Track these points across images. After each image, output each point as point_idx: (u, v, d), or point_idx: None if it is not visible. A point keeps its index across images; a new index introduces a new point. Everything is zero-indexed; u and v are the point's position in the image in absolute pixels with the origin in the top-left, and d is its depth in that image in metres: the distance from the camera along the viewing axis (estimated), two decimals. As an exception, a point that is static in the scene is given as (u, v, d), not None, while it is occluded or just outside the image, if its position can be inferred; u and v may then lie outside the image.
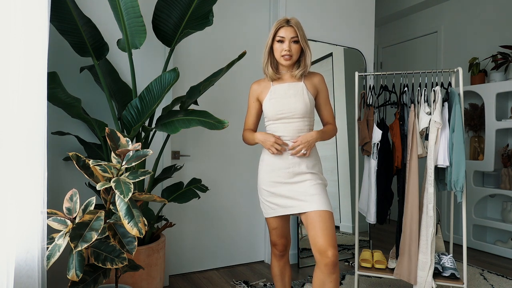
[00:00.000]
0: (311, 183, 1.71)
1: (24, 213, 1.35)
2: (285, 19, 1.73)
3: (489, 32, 3.85)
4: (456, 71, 2.28)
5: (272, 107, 1.74)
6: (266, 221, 1.86)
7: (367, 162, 2.38)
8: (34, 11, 1.38)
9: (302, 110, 1.72)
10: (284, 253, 1.86)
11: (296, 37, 1.70)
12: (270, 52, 1.77)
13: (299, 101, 1.72)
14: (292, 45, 1.71)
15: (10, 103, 1.32)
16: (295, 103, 1.72)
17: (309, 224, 1.65)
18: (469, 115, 3.78)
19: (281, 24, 1.71)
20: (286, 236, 1.84)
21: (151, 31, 2.26)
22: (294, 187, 1.72)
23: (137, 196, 1.57)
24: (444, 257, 2.25)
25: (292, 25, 1.70)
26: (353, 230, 3.21)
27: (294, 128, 1.73)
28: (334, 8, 3.28)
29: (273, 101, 1.75)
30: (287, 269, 1.88)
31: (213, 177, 2.87)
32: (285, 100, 1.73)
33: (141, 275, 1.88)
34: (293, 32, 1.70)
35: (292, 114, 1.72)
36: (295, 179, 1.72)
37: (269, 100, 1.76)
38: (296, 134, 1.73)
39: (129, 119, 1.90)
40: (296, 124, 1.73)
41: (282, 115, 1.73)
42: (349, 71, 3.29)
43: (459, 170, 2.07)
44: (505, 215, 3.41)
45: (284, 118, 1.73)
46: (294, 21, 1.72)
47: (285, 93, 1.75)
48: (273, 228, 1.81)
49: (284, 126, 1.73)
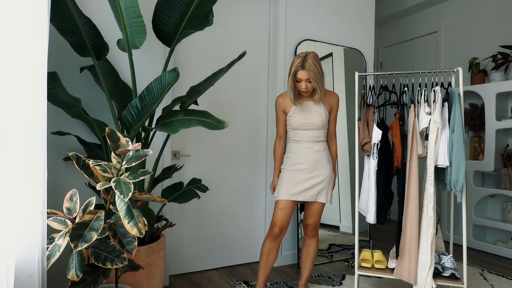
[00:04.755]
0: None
1: (24, 213, 1.35)
2: (301, 62, 2.04)
3: (489, 32, 3.85)
4: (456, 71, 2.28)
5: (296, 119, 2.19)
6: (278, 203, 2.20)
7: (367, 162, 2.38)
8: (34, 11, 1.38)
9: (319, 124, 2.19)
10: (278, 237, 2.16)
11: (309, 79, 2.06)
12: (294, 84, 2.13)
13: (318, 117, 2.18)
14: (308, 84, 2.09)
15: (10, 103, 1.32)
16: (315, 118, 2.18)
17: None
18: (469, 115, 3.78)
19: (297, 67, 2.05)
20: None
21: (151, 31, 2.26)
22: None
23: (137, 196, 1.58)
24: (444, 257, 2.25)
25: (306, 69, 2.03)
26: (353, 230, 3.21)
27: (311, 135, 2.20)
28: (334, 8, 3.28)
29: (297, 115, 2.19)
30: (273, 252, 2.18)
31: (213, 177, 2.87)
32: (307, 115, 2.18)
33: (141, 275, 1.88)
34: (307, 75, 2.05)
35: (312, 126, 2.19)
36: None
37: (293, 114, 2.20)
38: (314, 139, 2.21)
39: (129, 119, 1.90)
40: (313, 132, 2.20)
41: (304, 127, 2.19)
42: (349, 71, 3.29)
43: (459, 170, 2.07)
44: (505, 215, 3.41)
45: (306, 129, 2.20)
46: (308, 65, 2.03)
47: (307, 109, 2.19)
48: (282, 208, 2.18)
49: (304, 133, 2.21)
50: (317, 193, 2.18)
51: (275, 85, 2.99)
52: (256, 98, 3.04)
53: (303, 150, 2.20)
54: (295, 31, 3.06)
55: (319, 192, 2.19)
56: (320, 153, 2.21)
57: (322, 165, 2.20)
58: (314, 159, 2.19)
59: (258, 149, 3.06)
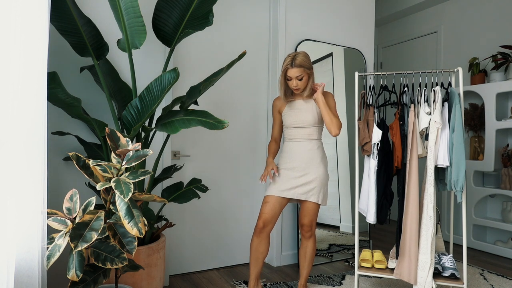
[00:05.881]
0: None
1: (24, 213, 1.35)
2: (291, 59, 2.11)
3: (489, 32, 3.85)
4: (456, 71, 2.28)
5: (289, 118, 2.25)
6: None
7: (367, 162, 2.38)
8: (34, 11, 1.38)
9: (311, 121, 2.22)
10: (262, 231, 2.17)
11: (300, 76, 2.13)
12: (285, 82, 2.21)
13: (309, 114, 2.22)
14: (298, 82, 2.16)
15: (10, 103, 1.32)
16: (307, 116, 2.22)
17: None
18: (469, 115, 3.78)
19: (287, 66, 2.13)
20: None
21: (151, 31, 2.26)
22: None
23: (137, 196, 1.58)
24: (444, 257, 2.25)
25: (295, 67, 2.10)
26: (353, 230, 3.21)
27: (305, 133, 2.24)
28: (334, 8, 3.28)
29: (289, 113, 2.25)
30: (261, 247, 2.18)
31: (213, 177, 2.87)
32: (299, 113, 2.23)
33: (141, 275, 1.88)
34: (297, 72, 2.12)
35: (304, 124, 2.23)
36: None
37: (287, 113, 2.27)
38: (307, 137, 2.24)
39: (129, 119, 1.90)
40: (306, 130, 2.24)
41: (297, 124, 2.24)
42: (349, 71, 3.29)
43: (459, 170, 2.07)
44: (505, 215, 3.41)
45: (298, 127, 2.24)
46: (298, 62, 2.10)
47: (299, 108, 2.24)
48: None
49: (296, 131, 2.25)
50: (307, 191, 2.18)
51: (275, 85, 2.99)
52: (256, 98, 3.04)
53: (296, 148, 2.23)
54: (295, 31, 3.06)
55: (310, 191, 2.18)
56: (313, 151, 2.22)
57: (315, 164, 2.21)
58: (307, 157, 2.21)
59: (258, 149, 3.06)
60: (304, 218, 2.25)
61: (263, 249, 2.18)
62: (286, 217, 3.03)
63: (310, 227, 2.26)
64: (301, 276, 2.37)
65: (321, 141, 2.29)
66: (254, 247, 2.18)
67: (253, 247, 2.18)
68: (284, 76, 2.18)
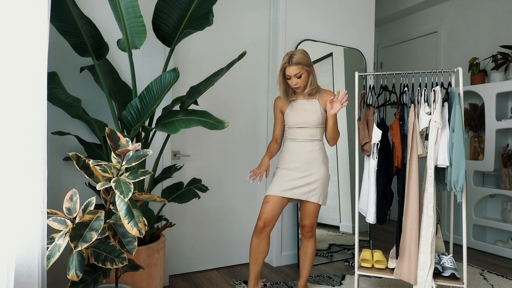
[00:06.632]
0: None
1: (24, 213, 1.35)
2: (288, 58, 2.09)
3: (489, 32, 3.85)
4: (456, 71, 2.28)
5: (292, 118, 2.21)
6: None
7: (367, 162, 2.38)
8: (34, 11, 1.38)
9: (315, 122, 2.19)
10: (262, 231, 2.15)
11: (298, 73, 2.10)
12: (284, 81, 2.18)
13: (314, 115, 2.18)
14: (298, 80, 2.12)
15: (10, 103, 1.32)
16: (310, 117, 2.18)
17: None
18: (469, 115, 3.78)
19: (285, 64, 2.10)
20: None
21: (151, 31, 2.26)
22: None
23: (137, 196, 1.58)
24: (444, 257, 2.25)
25: (293, 64, 2.07)
26: (353, 230, 3.21)
27: (308, 133, 2.21)
28: (334, 8, 3.28)
29: (293, 113, 2.22)
30: (261, 247, 2.16)
31: (213, 177, 2.87)
32: (302, 113, 2.19)
33: (141, 275, 1.88)
34: (295, 70, 2.09)
35: (307, 124, 2.19)
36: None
37: (289, 113, 2.23)
38: (309, 138, 2.21)
39: (129, 119, 1.90)
40: (309, 130, 2.20)
41: (300, 125, 2.20)
42: (349, 71, 3.29)
43: (459, 170, 2.07)
44: (505, 215, 3.41)
45: (301, 127, 2.20)
46: (295, 60, 2.07)
47: (302, 108, 2.21)
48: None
49: (299, 131, 2.22)
50: (308, 192, 2.17)
51: (275, 85, 2.99)
52: (256, 98, 3.04)
53: (298, 148, 2.20)
54: (295, 31, 3.06)
55: (311, 192, 2.17)
56: (315, 152, 2.20)
57: (317, 164, 2.19)
58: (309, 158, 2.19)
59: (258, 149, 3.06)
60: (305, 219, 2.24)
61: (263, 249, 2.17)
62: (286, 217, 3.03)
63: (311, 227, 2.26)
64: (301, 276, 2.37)
65: (322, 142, 2.28)
66: (254, 247, 2.17)
67: (253, 247, 2.18)
68: (283, 75, 2.16)
